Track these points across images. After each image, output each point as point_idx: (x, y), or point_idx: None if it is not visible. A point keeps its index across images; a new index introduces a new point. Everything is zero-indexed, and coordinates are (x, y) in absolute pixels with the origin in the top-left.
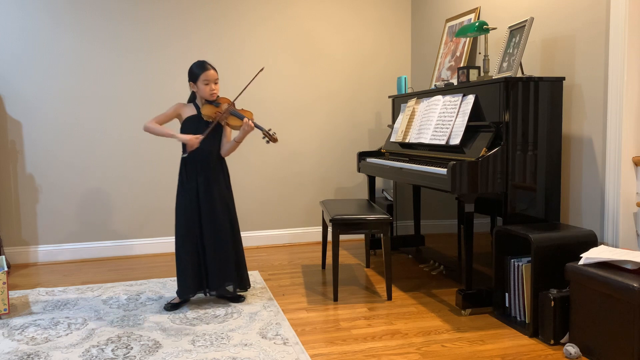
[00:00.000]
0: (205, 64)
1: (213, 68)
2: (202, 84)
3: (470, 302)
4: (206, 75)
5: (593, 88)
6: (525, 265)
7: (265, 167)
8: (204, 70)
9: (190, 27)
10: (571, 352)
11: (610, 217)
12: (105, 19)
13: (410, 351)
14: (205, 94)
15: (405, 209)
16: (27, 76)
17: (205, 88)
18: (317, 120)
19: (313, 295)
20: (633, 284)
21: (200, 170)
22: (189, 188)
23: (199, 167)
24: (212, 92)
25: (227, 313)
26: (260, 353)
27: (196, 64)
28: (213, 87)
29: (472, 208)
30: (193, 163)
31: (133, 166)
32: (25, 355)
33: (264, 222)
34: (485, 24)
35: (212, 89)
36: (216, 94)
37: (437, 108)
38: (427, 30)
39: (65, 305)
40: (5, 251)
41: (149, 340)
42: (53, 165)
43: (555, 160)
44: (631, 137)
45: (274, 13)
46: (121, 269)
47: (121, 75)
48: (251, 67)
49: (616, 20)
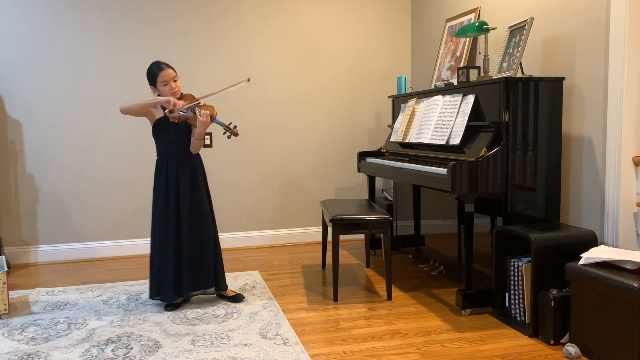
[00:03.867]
0: (160, 64)
1: (169, 67)
2: (161, 86)
3: (470, 302)
4: (162, 77)
5: (593, 88)
6: (525, 265)
7: (265, 167)
8: (160, 71)
9: (190, 27)
10: (571, 352)
11: (610, 217)
12: (105, 19)
13: (410, 351)
14: (166, 95)
15: (405, 209)
16: (27, 76)
17: (165, 89)
18: (317, 120)
19: (313, 295)
20: (633, 284)
21: (174, 171)
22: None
23: (173, 168)
24: (172, 90)
25: (227, 313)
26: (260, 353)
27: (151, 66)
28: (173, 86)
29: (472, 208)
30: (167, 163)
31: (132, 166)
32: (25, 355)
33: (264, 222)
34: (485, 24)
35: (172, 87)
36: (178, 92)
37: (437, 108)
38: (427, 30)
39: (65, 305)
40: (5, 251)
41: (149, 340)
42: (53, 165)
43: (555, 160)
44: (631, 137)
45: (274, 13)
46: (121, 269)
47: (121, 75)
48: (251, 67)
49: (616, 20)
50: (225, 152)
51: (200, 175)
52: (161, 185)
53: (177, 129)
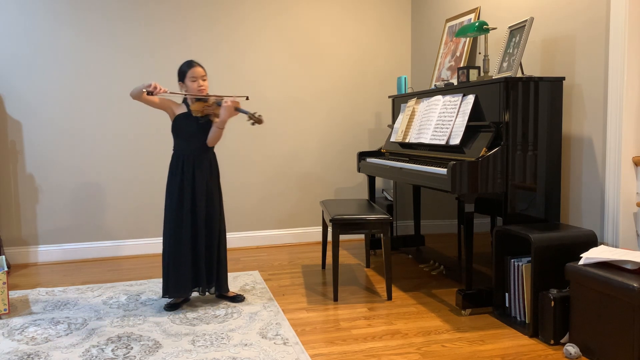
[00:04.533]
0: (192, 62)
1: (200, 65)
2: (190, 81)
3: (470, 302)
4: (193, 72)
5: (593, 88)
6: (525, 265)
7: (265, 167)
8: (191, 67)
9: (190, 28)
10: (571, 352)
11: (610, 217)
12: (105, 19)
13: (410, 351)
14: (193, 91)
15: (405, 209)
16: (27, 76)
17: (193, 85)
18: (317, 120)
19: (313, 295)
20: (633, 284)
21: (191, 167)
22: (178, 182)
23: (189, 164)
24: (200, 87)
25: (227, 313)
26: (260, 353)
27: (183, 63)
28: (201, 84)
29: (472, 208)
30: (184, 159)
31: (132, 166)
32: (25, 355)
33: (264, 222)
34: (485, 24)
35: (200, 84)
36: (204, 90)
37: (437, 108)
38: (427, 30)
39: (65, 305)
40: (5, 251)
41: (149, 340)
42: (53, 165)
43: (555, 160)
44: (631, 137)
45: (274, 13)
46: (121, 269)
47: (121, 75)
48: (251, 68)
49: (616, 20)
50: (225, 153)
51: (214, 174)
52: (177, 180)
53: (198, 125)
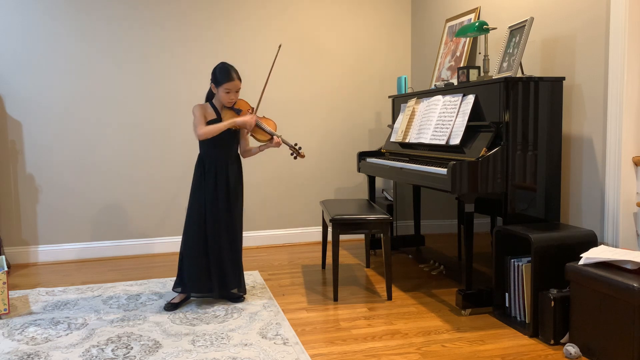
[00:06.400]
0: (232, 73)
1: (239, 78)
2: (223, 92)
3: (470, 302)
4: (229, 85)
5: (593, 88)
6: (525, 265)
7: (265, 167)
8: (229, 80)
9: (190, 28)
10: (571, 352)
11: (610, 217)
12: (105, 19)
13: (410, 351)
14: (223, 102)
15: (405, 209)
16: (27, 76)
17: (225, 96)
18: (317, 120)
19: (313, 295)
20: (633, 284)
21: (219, 169)
22: (205, 186)
23: (217, 166)
24: (230, 101)
25: (227, 313)
26: (260, 353)
27: (223, 69)
28: (233, 97)
29: (472, 208)
30: (216, 160)
31: (132, 166)
32: (25, 355)
33: (264, 222)
34: (485, 24)
35: (232, 98)
36: (232, 103)
37: (437, 108)
38: (427, 30)
39: (65, 305)
40: (5, 251)
41: (149, 340)
42: (53, 165)
43: (555, 160)
44: (631, 137)
45: (274, 13)
46: (121, 269)
47: (121, 75)
48: (252, 68)
49: (616, 20)
50: None
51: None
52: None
53: (229, 131)
